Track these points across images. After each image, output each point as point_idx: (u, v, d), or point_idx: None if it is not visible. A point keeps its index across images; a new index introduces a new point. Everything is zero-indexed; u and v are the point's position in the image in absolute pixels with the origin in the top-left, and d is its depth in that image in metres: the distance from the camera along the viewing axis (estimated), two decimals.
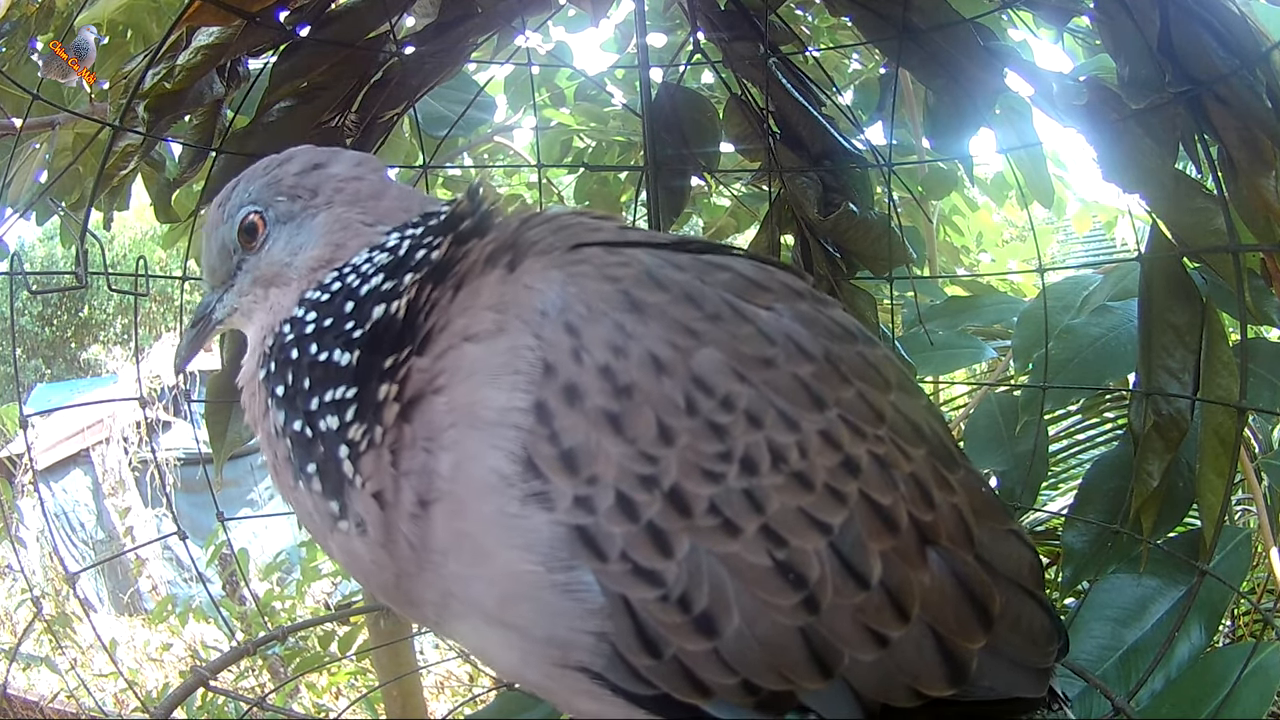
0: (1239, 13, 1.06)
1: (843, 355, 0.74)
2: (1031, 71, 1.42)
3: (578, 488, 0.64)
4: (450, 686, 4.84)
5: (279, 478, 0.78)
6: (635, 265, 0.71)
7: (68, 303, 13.45)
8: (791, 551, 0.66)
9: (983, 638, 0.73)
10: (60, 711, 4.25)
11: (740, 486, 0.66)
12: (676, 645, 0.65)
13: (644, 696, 0.67)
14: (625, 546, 0.64)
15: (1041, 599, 0.81)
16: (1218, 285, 1.32)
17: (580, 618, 0.65)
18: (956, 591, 0.73)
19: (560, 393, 0.65)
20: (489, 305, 0.70)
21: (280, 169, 0.85)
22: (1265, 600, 2.38)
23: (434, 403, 0.70)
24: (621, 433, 0.65)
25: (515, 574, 0.66)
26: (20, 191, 2.28)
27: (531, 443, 0.65)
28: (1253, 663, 1.18)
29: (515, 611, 0.68)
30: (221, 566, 5.14)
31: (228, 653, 1.55)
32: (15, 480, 5.84)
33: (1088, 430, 2.73)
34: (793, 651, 0.66)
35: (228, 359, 1.48)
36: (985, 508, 0.80)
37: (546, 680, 0.70)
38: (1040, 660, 0.79)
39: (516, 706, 1.36)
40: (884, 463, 0.72)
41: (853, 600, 0.68)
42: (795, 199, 1.63)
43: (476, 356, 0.69)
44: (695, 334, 0.68)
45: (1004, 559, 0.79)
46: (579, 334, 0.66)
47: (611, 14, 2.74)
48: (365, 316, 0.74)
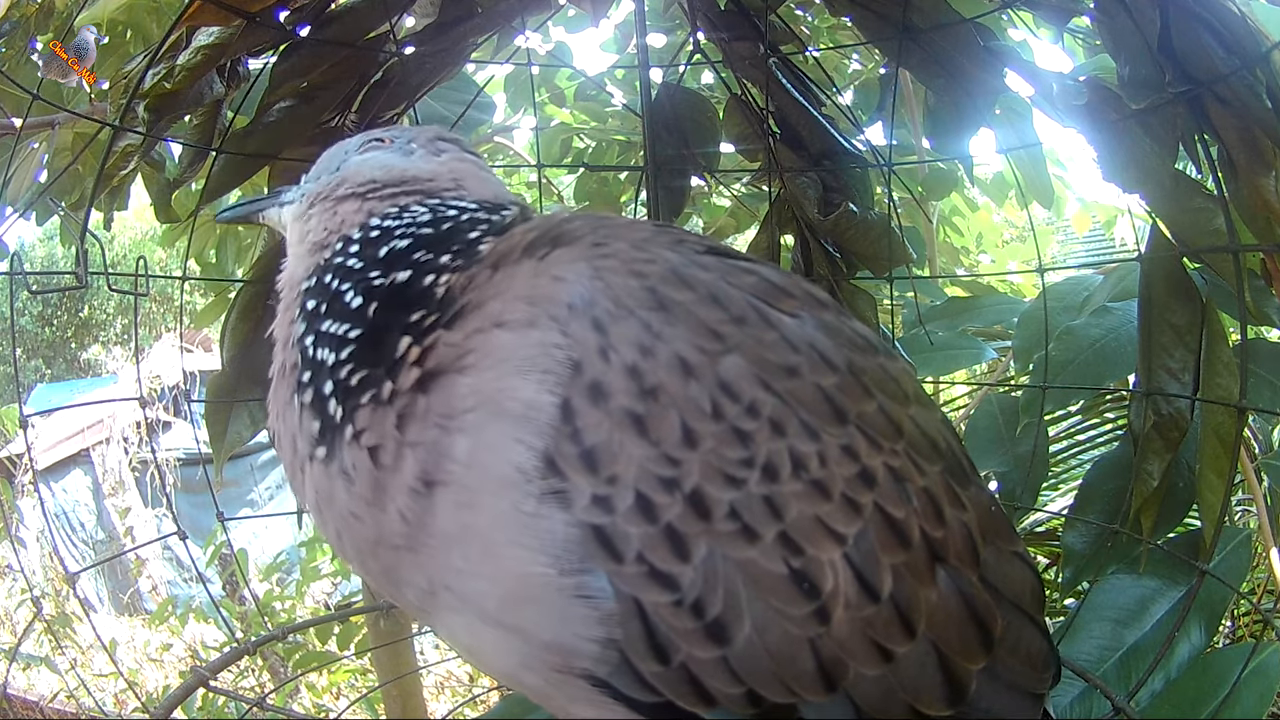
0: (1239, 13, 1.06)
1: (865, 367, 0.74)
2: (1031, 71, 1.42)
3: (597, 487, 0.63)
4: (450, 686, 4.84)
5: (275, 394, 0.80)
6: (661, 262, 0.71)
7: (68, 303, 13.45)
8: (807, 560, 0.66)
9: (983, 659, 0.73)
10: (60, 711, 4.25)
11: (761, 493, 0.65)
12: (686, 652, 0.64)
13: (647, 704, 0.66)
14: (642, 548, 0.63)
15: (1041, 624, 0.81)
16: (1218, 285, 1.32)
17: (588, 624, 0.64)
18: (961, 611, 0.72)
19: (585, 391, 0.64)
20: (522, 295, 0.70)
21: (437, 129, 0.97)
22: (1265, 601, 2.38)
23: (458, 382, 0.69)
24: (645, 434, 0.64)
25: (524, 575, 0.65)
26: (20, 191, 2.28)
27: (554, 440, 0.64)
28: (1253, 663, 1.18)
29: (519, 614, 0.67)
30: (221, 567, 5.15)
31: (228, 653, 1.55)
32: (15, 480, 5.84)
33: (1088, 431, 2.73)
34: (801, 663, 0.66)
35: (228, 359, 1.48)
36: (993, 527, 0.80)
37: (545, 685, 0.69)
38: (1036, 686, 0.79)
39: (521, 709, 1.35)
40: (899, 476, 0.71)
41: (863, 613, 0.67)
42: (795, 199, 1.63)
43: (507, 345, 0.68)
44: (721, 337, 0.68)
45: (1007, 581, 0.78)
46: (606, 331, 0.66)
47: (611, 14, 2.75)
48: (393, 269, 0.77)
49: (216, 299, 2.94)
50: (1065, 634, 1.31)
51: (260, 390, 1.48)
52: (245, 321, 1.49)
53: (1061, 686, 1.25)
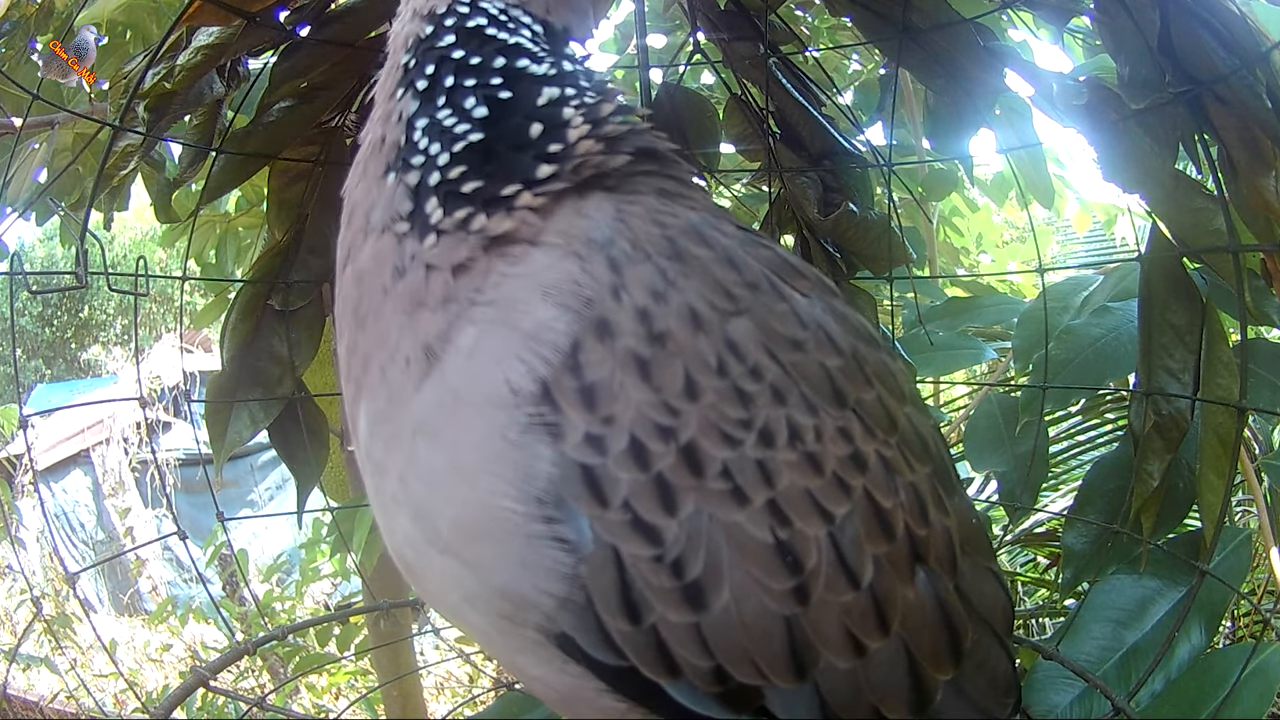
0: (1239, 13, 1.06)
1: (868, 357, 0.74)
2: (1031, 71, 1.42)
3: (591, 425, 0.62)
4: (450, 687, 4.84)
5: (366, 167, 0.72)
6: (683, 218, 0.70)
7: (68, 303, 13.45)
8: (794, 533, 0.64)
9: (951, 670, 0.72)
10: (60, 711, 4.25)
11: (755, 456, 0.64)
12: (659, 613, 0.62)
13: (610, 667, 0.64)
14: (629, 495, 0.62)
15: (1008, 647, 0.79)
16: (1218, 285, 1.32)
17: (550, 576, 0.62)
18: (936, 615, 0.71)
19: (593, 326, 0.63)
20: (557, 227, 0.68)
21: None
22: (1265, 601, 2.38)
23: (499, 263, 0.67)
24: (648, 379, 0.63)
25: (489, 507, 0.62)
26: (20, 191, 2.28)
27: (554, 371, 0.62)
28: (1253, 663, 1.18)
29: (471, 548, 0.64)
30: (221, 567, 5.14)
31: (228, 653, 1.55)
32: (15, 481, 5.83)
33: (1088, 431, 2.73)
34: (774, 642, 0.64)
35: (228, 359, 1.48)
36: (972, 539, 0.79)
37: (490, 629, 0.66)
38: (998, 710, 0.77)
39: (518, 708, 1.35)
40: (890, 467, 0.71)
41: (841, 598, 0.66)
42: (795, 199, 1.63)
43: (538, 264, 0.66)
44: (734, 298, 0.67)
45: (981, 597, 0.77)
46: (620, 271, 0.65)
47: (611, 14, 2.74)
48: (517, 88, 0.70)
49: (216, 299, 2.94)
50: (1065, 634, 1.31)
51: (260, 390, 1.49)
52: (245, 321, 1.49)
53: (1061, 686, 1.26)
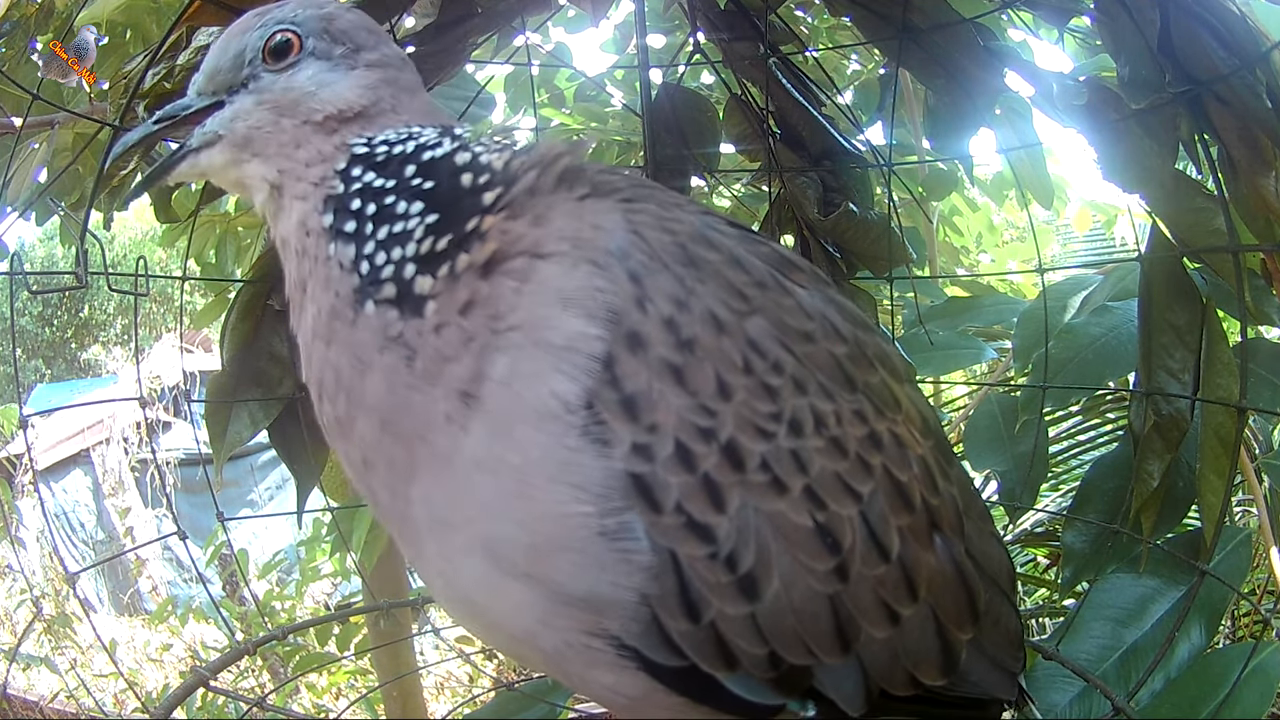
0: (1239, 13, 1.06)
1: (867, 341, 0.77)
2: (1031, 71, 1.42)
3: (637, 435, 0.63)
4: (450, 687, 4.84)
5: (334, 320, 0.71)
6: (687, 223, 0.72)
7: (68, 303, 13.45)
8: (830, 515, 0.68)
9: (971, 629, 0.76)
10: (60, 711, 4.25)
11: (789, 446, 0.67)
12: (717, 608, 0.65)
13: (669, 669, 0.66)
14: (681, 497, 0.64)
15: (1014, 604, 0.85)
16: (1218, 285, 1.32)
17: (629, 572, 0.63)
18: (955, 578, 0.75)
19: (624, 339, 0.64)
20: (566, 235, 0.69)
21: (336, 11, 0.80)
22: (1265, 601, 2.38)
23: (505, 285, 0.67)
24: (684, 384, 0.65)
25: (563, 517, 0.63)
26: (20, 191, 2.28)
27: (594, 382, 0.63)
28: (1253, 663, 1.18)
29: (551, 562, 0.64)
30: (221, 567, 5.15)
31: (228, 653, 1.55)
32: (15, 480, 5.83)
33: (1088, 431, 2.73)
34: (821, 621, 0.68)
35: (228, 359, 1.48)
36: (972, 506, 0.84)
37: (564, 648, 0.67)
38: (1013, 663, 0.82)
39: (515, 707, 1.35)
40: (901, 442, 0.75)
41: (875, 571, 0.69)
42: (795, 199, 1.63)
43: (551, 276, 0.67)
44: (747, 298, 0.70)
45: (987, 558, 0.82)
46: (642, 283, 0.66)
47: (611, 14, 2.74)
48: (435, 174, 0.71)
49: (216, 299, 2.94)
50: (1065, 634, 1.31)
51: (260, 390, 1.49)
52: (245, 321, 1.49)
53: (1062, 686, 1.26)
